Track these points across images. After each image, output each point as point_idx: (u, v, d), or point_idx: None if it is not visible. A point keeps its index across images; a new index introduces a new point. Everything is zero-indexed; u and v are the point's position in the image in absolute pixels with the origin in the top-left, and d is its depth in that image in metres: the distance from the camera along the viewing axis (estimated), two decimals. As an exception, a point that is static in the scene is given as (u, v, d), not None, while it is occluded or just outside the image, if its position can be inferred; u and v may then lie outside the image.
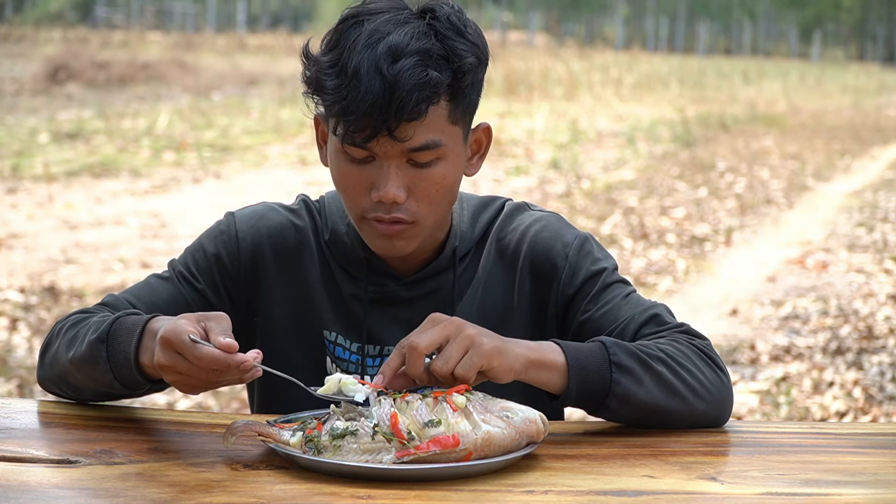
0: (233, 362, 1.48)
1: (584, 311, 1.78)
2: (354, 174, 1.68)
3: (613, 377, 1.61)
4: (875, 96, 28.55)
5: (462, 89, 1.66)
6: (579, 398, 1.63)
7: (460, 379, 1.53)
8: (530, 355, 1.59)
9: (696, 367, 1.68)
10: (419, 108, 1.61)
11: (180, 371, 1.51)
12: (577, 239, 1.82)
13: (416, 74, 1.60)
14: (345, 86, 1.61)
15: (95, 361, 1.64)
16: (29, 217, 8.97)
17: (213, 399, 4.89)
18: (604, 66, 31.73)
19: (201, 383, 1.53)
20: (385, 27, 1.63)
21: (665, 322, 1.76)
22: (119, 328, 1.63)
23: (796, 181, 12.60)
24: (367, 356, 1.80)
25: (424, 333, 1.54)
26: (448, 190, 1.71)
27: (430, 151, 1.66)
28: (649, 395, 1.64)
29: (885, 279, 7.65)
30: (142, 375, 1.61)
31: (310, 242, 1.83)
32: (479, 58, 1.68)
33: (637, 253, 8.34)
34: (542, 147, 14.56)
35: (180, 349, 1.50)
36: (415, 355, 1.52)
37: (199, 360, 1.49)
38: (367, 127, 1.62)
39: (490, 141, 1.81)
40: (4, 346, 5.59)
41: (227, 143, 13.85)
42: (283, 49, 32.10)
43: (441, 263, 1.81)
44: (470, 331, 1.54)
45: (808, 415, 4.89)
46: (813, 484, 1.48)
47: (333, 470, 1.46)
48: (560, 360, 1.61)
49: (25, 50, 27.63)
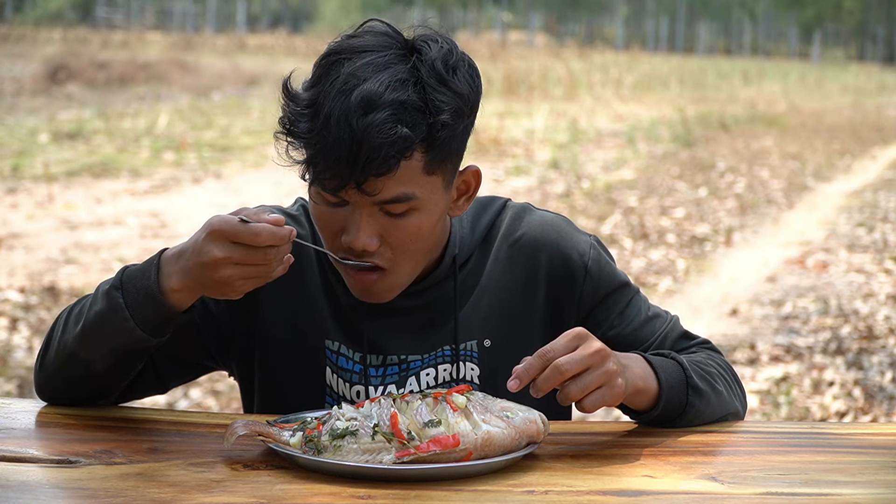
0: (285, 233, 1.50)
1: (612, 327, 1.81)
2: (328, 216, 1.65)
3: (689, 400, 1.68)
4: (875, 96, 28.57)
5: (440, 141, 1.59)
6: (657, 418, 1.68)
7: (583, 409, 1.55)
8: (639, 384, 1.63)
9: (735, 384, 1.79)
10: (388, 163, 1.55)
11: (237, 260, 1.51)
12: (593, 248, 1.82)
13: (384, 130, 1.54)
14: (315, 133, 1.57)
15: (113, 311, 1.60)
16: (29, 217, 8.97)
17: (213, 399, 4.89)
18: (604, 66, 31.74)
19: (259, 271, 1.52)
20: (363, 72, 1.57)
21: (693, 337, 1.85)
22: (131, 273, 1.62)
23: (796, 181, 12.60)
24: (370, 366, 1.78)
25: (572, 357, 1.53)
26: (423, 238, 1.67)
27: (401, 204, 1.61)
28: (709, 413, 1.72)
29: (885, 279, 7.66)
30: (167, 306, 1.58)
31: (309, 251, 1.80)
32: (459, 109, 1.60)
33: (637, 253, 8.34)
34: (542, 147, 14.57)
35: (234, 234, 1.50)
36: (558, 377, 1.52)
37: (258, 237, 1.49)
38: (336, 177, 1.58)
39: (479, 183, 1.74)
40: (4, 346, 5.59)
41: (227, 143, 13.85)
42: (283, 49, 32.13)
43: (441, 272, 1.78)
44: (612, 367, 1.55)
45: (808, 415, 4.89)
46: (813, 484, 1.48)
47: (333, 470, 1.45)
48: (654, 387, 1.65)
49: (25, 50, 27.64)
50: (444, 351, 1.78)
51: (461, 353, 1.78)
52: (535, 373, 1.53)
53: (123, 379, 1.71)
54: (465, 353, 1.78)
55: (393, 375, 1.78)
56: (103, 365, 1.67)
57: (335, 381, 1.79)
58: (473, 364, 1.78)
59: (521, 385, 1.53)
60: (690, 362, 1.72)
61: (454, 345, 1.77)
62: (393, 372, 1.78)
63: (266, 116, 16.97)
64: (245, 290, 1.56)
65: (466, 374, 1.78)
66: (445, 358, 1.78)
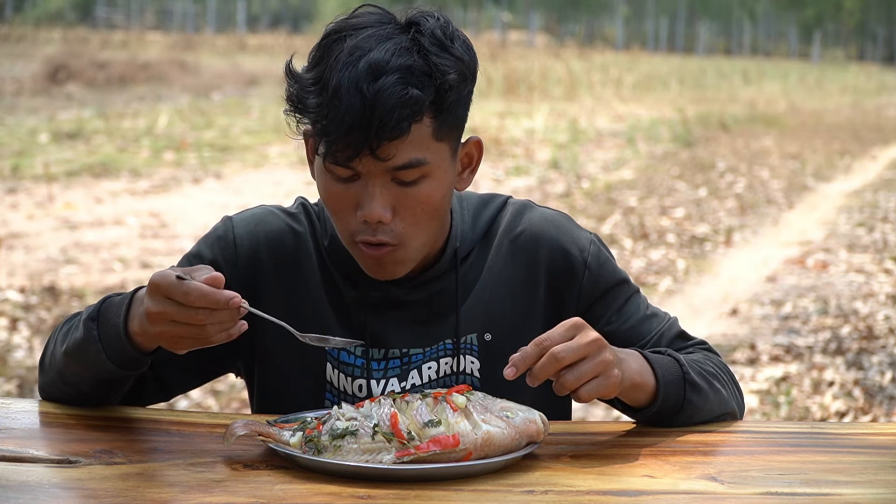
0: (221, 297, 1.47)
1: (609, 322, 1.81)
2: (340, 193, 1.67)
3: (686, 396, 1.69)
4: (875, 96, 28.56)
5: (446, 105, 1.63)
6: (654, 415, 1.68)
7: (578, 398, 1.55)
8: (635, 379, 1.63)
9: (732, 383, 1.80)
10: (400, 126, 1.58)
11: (170, 316, 1.49)
12: (593, 244, 1.83)
13: (396, 93, 1.57)
14: (325, 104, 1.59)
15: (87, 342, 1.62)
16: (29, 217, 8.97)
17: (213, 399, 4.89)
18: (604, 66, 31.75)
19: (191, 331, 1.50)
20: (367, 43, 1.60)
21: (689, 338, 1.85)
22: (109, 305, 1.63)
23: (796, 181, 12.60)
24: (372, 360, 1.79)
25: (569, 345, 1.53)
26: (434, 209, 1.69)
27: (414, 170, 1.63)
28: (707, 410, 1.73)
29: (885, 279, 7.65)
30: (132, 347, 1.59)
31: (309, 248, 1.81)
32: (463, 73, 1.64)
33: (637, 253, 8.34)
34: (542, 147, 14.57)
35: (168, 290, 1.48)
36: (554, 364, 1.52)
37: (187, 296, 1.47)
38: (349, 146, 1.60)
39: (481, 155, 1.78)
40: (4, 346, 5.59)
41: (227, 143, 13.85)
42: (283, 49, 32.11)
43: (443, 265, 1.80)
44: (608, 356, 1.55)
45: (808, 415, 4.89)
46: (813, 484, 1.48)
47: (333, 470, 1.46)
48: (652, 383, 1.66)
49: (25, 50, 27.65)
50: (446, 344, 1.79)
51: (462, 346, 1.79)
52: (532, 361, 1.53)
53: (114, 396, 1.73)
54: (465, 347, 1.79)
55: (395, 369, 1.79)
56: (87, 387, 1.70)
57: (336, 376, 1.79)
58: (473, 357, 1.80)
59: (518, 373, 1.53)
60: (688, 360, 1.73)
61: (455, 338, 1.78)
62: (395, 366, 1.79)
63: (266, 116, 16.99)
64: (182, 348, 1.54)
65: (466, 367, 1.79)
66: (447, 351, 1.79)
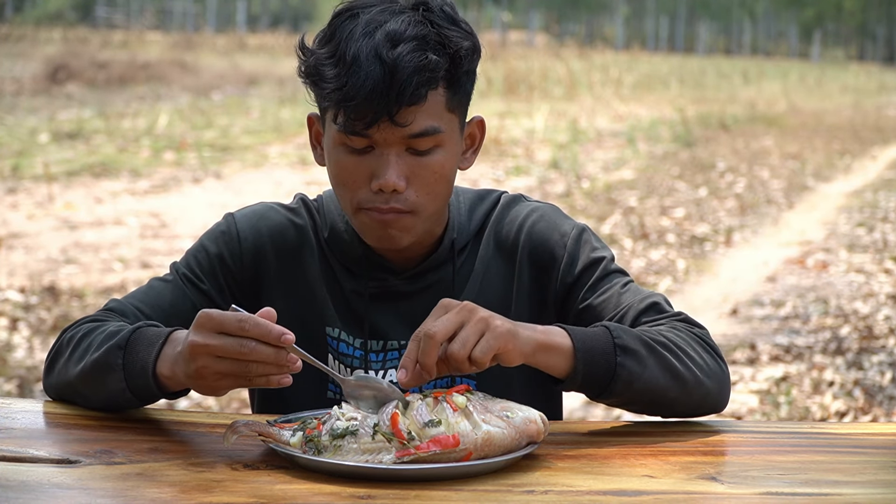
0: (275, 330, 1.46)
1: (583, 300, 1.80)
2: (354, 165, 1.69)
3: (618, 360, 1.62)
4: (875, 96, 28.56)
5: (458, 76, 1.69)
6: (584, 381, 1.62)
7: (476, 362, 1.51)
8: (539, 338, 1.59)
9: (696, 353, 1.69)
10: (419, 91, 1.63)
11: (215, 350, 1.47)
12: (575, 229, 1.84)
13: (415, 58, 1.62)
14: (344, 73, 1.63)
15: (110, 369, 1.62)
16: (29, 217, 8.97)
17: (212, 399, 4.89)
18: (604, 66, 31.75)
19: (234, 368, 1.48)
20: (381, 17, 1.66)
21: (664, 310, 1.77)
22: (140, 337, 1.62)
23: (796, 181, 12.60)
24: (371, 351, 1.81)
25: (439, 321, 1.52)
26: (446, 179, 1.72)
27: (429, 138, 1.67)
28: (653, 378, 1.64)
29: (885, 279, 7.65)
30: (157, 387, 1.59)
31: (310, 241, 1.85)
32: (474, 45, 1.71)
33: (637, 253, 8.34)
34: (542, 147, 14.57)
35: (222, 320, 1.47)
36: (431, 344, 1.50)
37: (242, 323, 1.45)
38: (368, 113, 1.63)
39: (483, 135, 1.82)
40: (4, 346, 5.59)
41: (227, 143, 13.86)
42: (283, 49, 32.12)
43: (440, 256, 1.82)
44: (483, 314, 1.54)
45: (808, 415, 4.89)
46: (813, 484, 1.48)
47: (333, 470, 1.45)
48: (566, 344, 1.61)
49: (25, 50, 27.64)
50: None
51: None
52: (415, 354, 1.52)
53: (123, 410, 1.73)
54: None
55: (394, 361, 1.81)
56: (99, 403, 1.70)
57: (336, 368, 1.82)
58: None
59: (409, 372, 1.52)
60: (635, 329, 1.67)
61: None
62: (393, 357, 1.81)
63: (266, 116, 16.99)
64: (220, 387, 1.52)
65: None
66: None
